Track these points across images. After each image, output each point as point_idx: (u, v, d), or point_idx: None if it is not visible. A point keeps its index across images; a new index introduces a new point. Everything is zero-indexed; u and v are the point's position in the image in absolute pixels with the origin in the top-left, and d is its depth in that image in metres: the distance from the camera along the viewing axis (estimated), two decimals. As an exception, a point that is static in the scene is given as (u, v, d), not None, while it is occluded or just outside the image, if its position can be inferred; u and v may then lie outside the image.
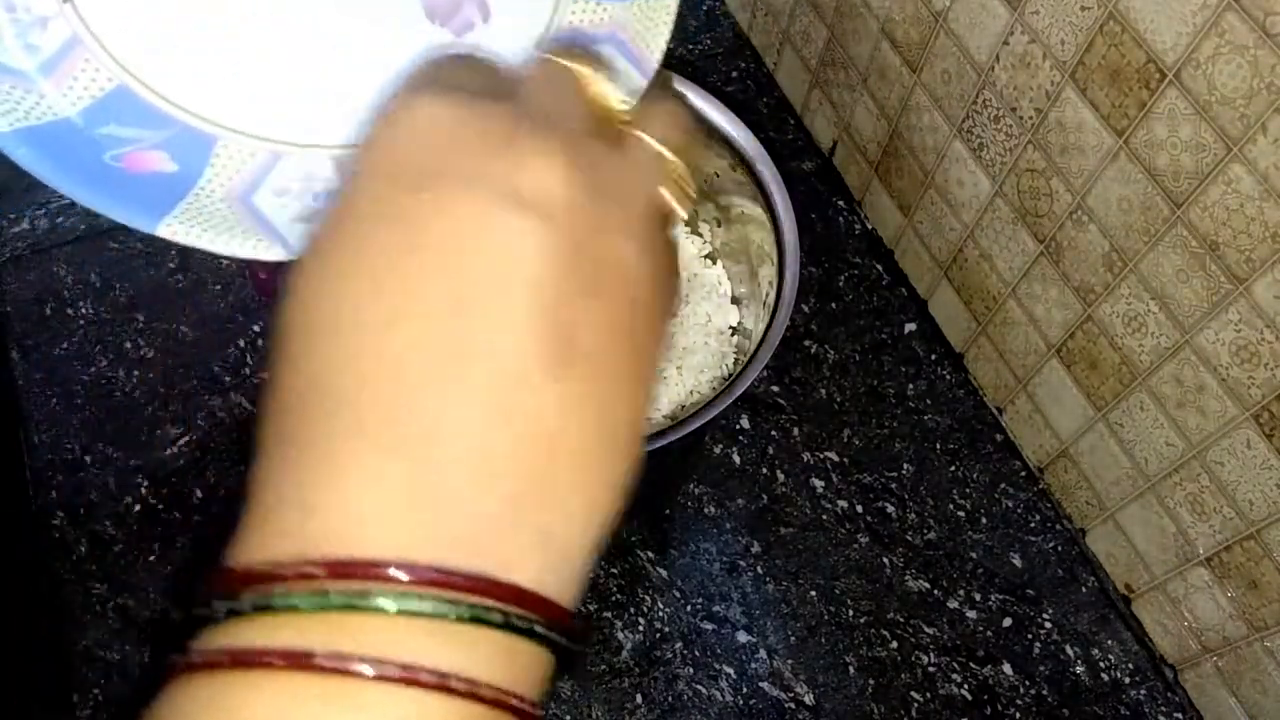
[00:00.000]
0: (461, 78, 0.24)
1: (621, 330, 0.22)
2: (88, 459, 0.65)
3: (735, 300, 0.66)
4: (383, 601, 0.19)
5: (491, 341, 0.20)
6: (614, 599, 0.62)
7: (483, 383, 0.20)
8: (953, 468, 0.69)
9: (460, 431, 0.20)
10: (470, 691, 0.19)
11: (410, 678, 0.19)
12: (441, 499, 0.20)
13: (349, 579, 0.19)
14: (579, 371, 0.21)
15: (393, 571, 0.19)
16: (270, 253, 0.31)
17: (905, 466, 0.68)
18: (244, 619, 0.20)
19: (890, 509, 0.67)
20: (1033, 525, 0.67)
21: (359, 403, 0.20)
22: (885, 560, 0.65)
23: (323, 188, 0.33)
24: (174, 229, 0.31)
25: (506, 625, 0.20)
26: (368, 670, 0.19)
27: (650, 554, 0.64)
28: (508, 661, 0.20)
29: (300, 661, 0.19)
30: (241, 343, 0.69)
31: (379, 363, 0.20)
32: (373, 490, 0.20)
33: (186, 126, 0.32)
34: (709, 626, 0.62)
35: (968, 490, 0.68)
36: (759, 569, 0.64)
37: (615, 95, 0.25)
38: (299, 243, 0.31)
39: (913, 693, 0.61)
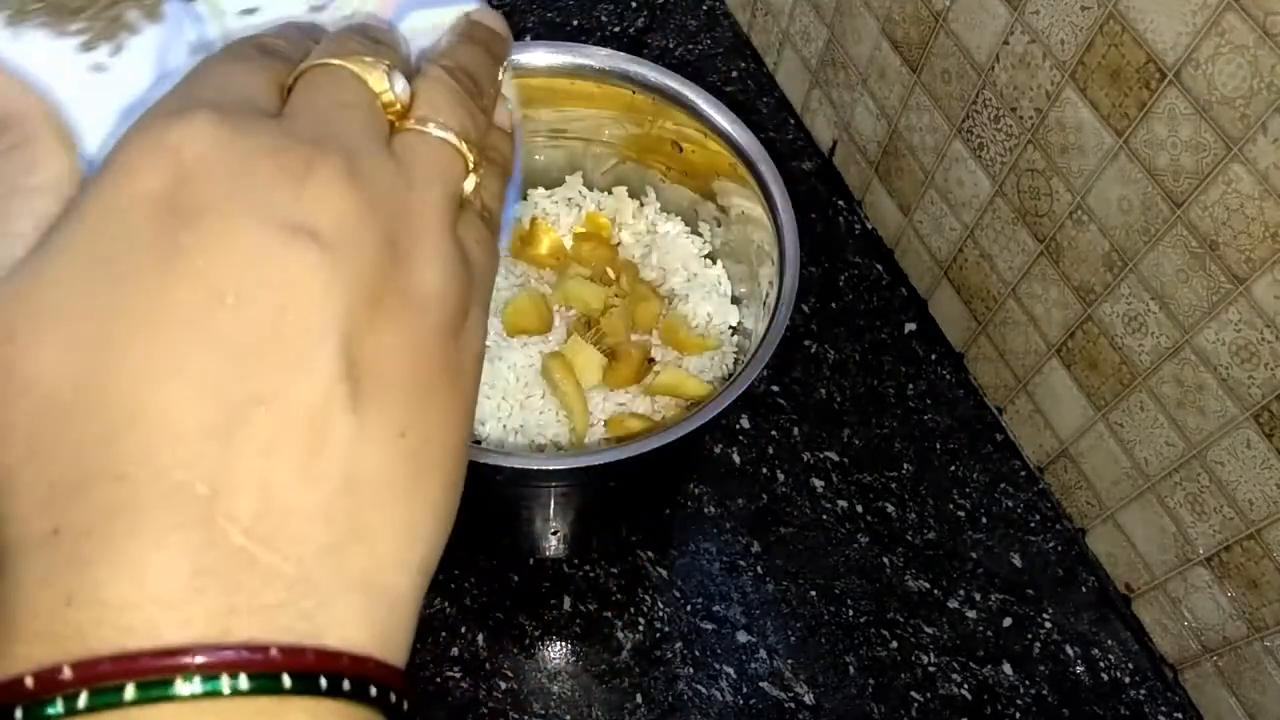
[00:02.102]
0: (228, 85, 0.21)
1: (422, 355, 0.20)
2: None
3: (735, 300, 0.66)
4: (181, 687, 0.17)
5: (278, 385, 0.18)
6: (614, 599, 0.63)
7: (272, 432, 0.18)
8: (953, 468, 0.69)
9: (251, 486, 0.18)
10: None
11: None
12: (238, 567, 0.18)
13: (137, 674, 0.17)
14: (376, 405, 0.19)
15: (189, 659, 0.17)
16: None
17: (905, 466, 0.68)
18: None
19: (890, 509, 0.67)
20: (1033, 525, 0.67)
21: (131, 473, 0.18)
22: (885, 560, 0.65)
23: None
24: None
25: (333, 692, 0.18)
26: None
27: (650, 554, 0.64)
28: None
29: None
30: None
31: (159, 421, 0.18)
32: (153, 569, 0.17)
33: None
34: (709, 626, 0.62)
35: (968, 490, 0.68)
36: (759, 569, 0.64)
37: (395, 85, 0.23)
38: None
39: (913, 693, 0.61)
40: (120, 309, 0.18)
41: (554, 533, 0.62)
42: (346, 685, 0.18)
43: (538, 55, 0.60)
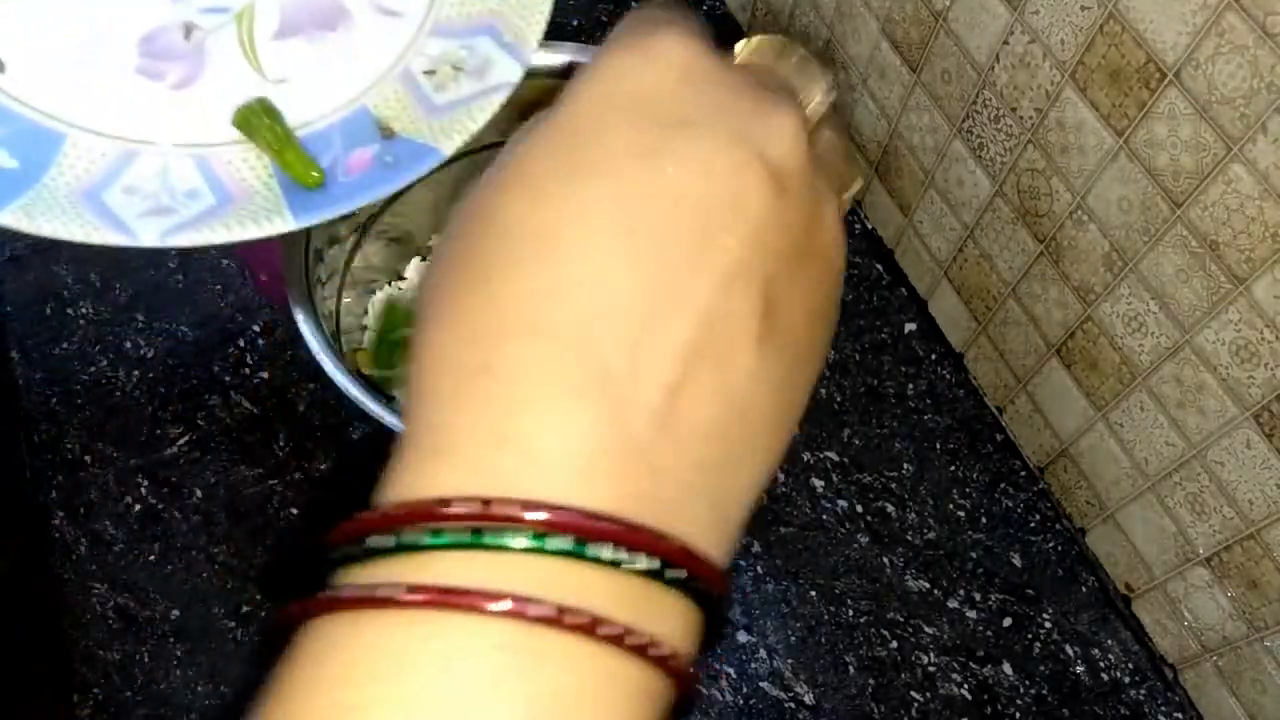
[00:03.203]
0: (679, 19, 0.23)
1: (816, 313, 0.22)
2: (88, 459, 0.65)
3: (735, 300, 0.66)
4: (516, 539, 0.18)
5: (708, 297, 0.20)
6: (614, 599, 0.62)
7: (691, 337, 0.19)
8: (953, 468, 0.69)
9: (661, 382, 0.19)
10: (614, 636, 0.18)
11: (550, 617, 0.18)
12: (627, 449, 0.19)
13: (492, 519, 0.18)
14: (776, 345, 0.21)
15: (531, 515, 0.18)
16: (114, 239, 0.30)
17: (905, 466, 0.68)
18: (377, 560, 0.19)
19: (890, 509, 0.67)
20: (1033, 525, 0.67)
21: (565, 332, 0.19)
22: (885, 560, 0.65)
23: (182, 186, 0.32)
24: (12, 219, 0.30)
25: (660, 576, 0.19)
26: (502, 606, 0.17)
27: (650, 554, 0.64)
28: (658, 615, 0.19)
29: (431, 598, 0.18)
30: (241, 343, 0.69)
31: (590, 293, 0.19)
32: (556, 428, 0.19)
33: (32, 123, 0.31)
34: (709, 626, 0.62)
35: (968, 490, 0.68)
36: (759, 569, 0.64)
37: (815, 98, 0.25)
38: (147, 234, 0.30)
39: (913, 693, 0.61)
40: (584, 184, 0.20)
41: (554, 533, 0.62)
42: (695, 589, 0.19)
43: (538, 56, 0.60)
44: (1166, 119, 0.50)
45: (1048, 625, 0.64)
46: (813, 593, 0.64)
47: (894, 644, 0.62)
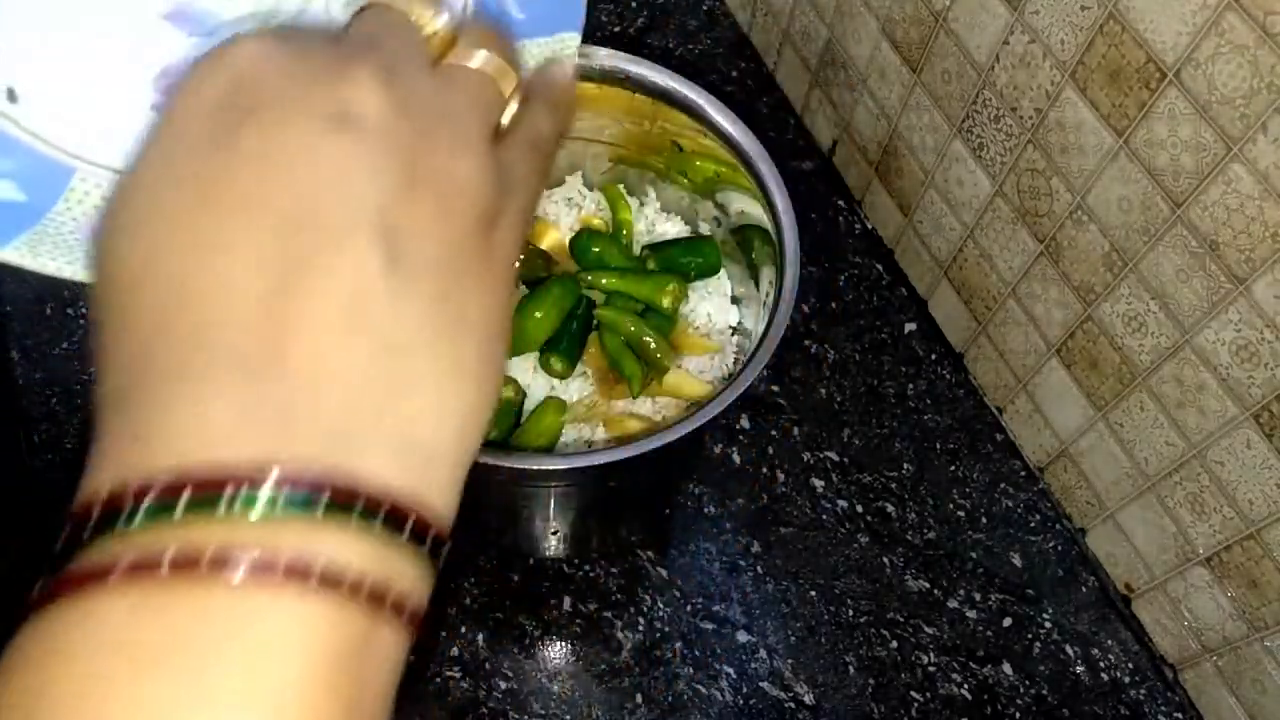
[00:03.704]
0: (287, 31, 0.25)
1: (455, 232, 0.23)
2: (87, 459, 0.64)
3: (735, 300, 0.66)
4: (234, 504, 0.19)
5: (324, 256, 0.21)
6: (614, 599, 0.63)
7: (319, 296, 0.21)
8: (953, 468, 0.69)
9: (301, 346, 0.20)
10: (339, 582, 0.19)
11: (270, 568, 0.18)
12: (290, 412, 0.20)
13: (198, 489, 0.19)
14: (413, 269, 0.21)
15: (245, 476, 0.19)
16: None
17: (905, 466, 0.68)
18: (89, 548, 0.19)
19: (890, 509, 0.67)
20: (1033, 525, 0.67)
21: (197, 331, 0.21)
22: (885, 560, 0.65)
23: None
24: (15, 255, 0.30)
25: (368, 518, 0.20)
26: (233, 573, 0.18)
27: (650, 554, 0.64)
28: (375, 561, 0.20)
29: (148, 571, 0.18)
30: (241, 343, 0.69)
31: (215, 289, 0.21)
32: (217, 408, 0.20)
33: (42, 156, 0.31)
34: (709, 626, 0.62)
35: (968, 490, 0.68)
36: (759, 569, 0.64)
37: (432, 22, 0.26)
38: None
39: (913, 693, 0.61)
40: (179, 196, 0.21)
41: (554, 533, 0.62)
42: (379, 518, 0.20)
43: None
44: (1166, 119, 0.50)
45: (1048, 625, 0.64)
46: (813, 593, 0.64)
47: (894, 644, 0.63)
